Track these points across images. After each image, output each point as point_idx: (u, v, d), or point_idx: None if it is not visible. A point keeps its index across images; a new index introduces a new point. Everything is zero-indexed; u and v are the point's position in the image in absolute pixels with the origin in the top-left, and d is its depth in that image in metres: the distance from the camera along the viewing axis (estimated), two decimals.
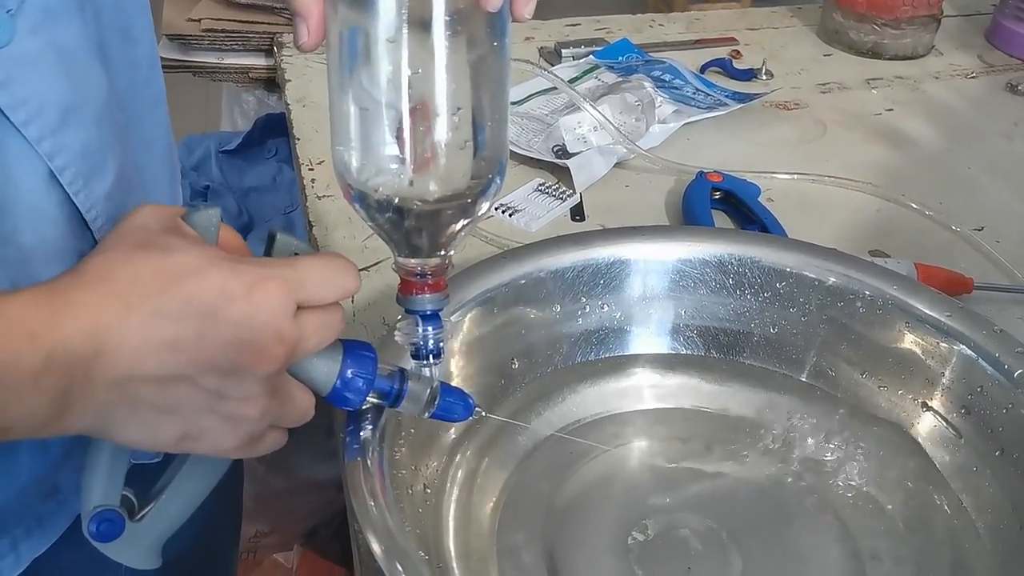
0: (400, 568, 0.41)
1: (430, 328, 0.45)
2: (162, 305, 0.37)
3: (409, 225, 0.43)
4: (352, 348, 0.44)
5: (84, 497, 0.44)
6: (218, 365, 0.38)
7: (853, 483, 0.57)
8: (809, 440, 0.60)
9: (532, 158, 0.89)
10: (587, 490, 0.57)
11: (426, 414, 0.47)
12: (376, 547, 0.42)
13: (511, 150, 0.89)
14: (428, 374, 0.46)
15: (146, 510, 0.46)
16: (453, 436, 0.57)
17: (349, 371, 0.44)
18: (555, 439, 0.59)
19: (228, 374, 0.39)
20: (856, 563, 0.52)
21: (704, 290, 0.64)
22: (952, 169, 0.93)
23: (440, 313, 0.46)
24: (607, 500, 0.56)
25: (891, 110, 1.04)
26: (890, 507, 0.55)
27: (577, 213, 0.82)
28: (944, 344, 0.57)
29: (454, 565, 0.51)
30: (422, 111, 0.40)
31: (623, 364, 0.64)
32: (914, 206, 0.84)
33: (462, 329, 0.58)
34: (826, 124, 1.00)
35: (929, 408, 0.58)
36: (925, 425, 0.58)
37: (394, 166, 0.42)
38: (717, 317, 0.64)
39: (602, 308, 0.64)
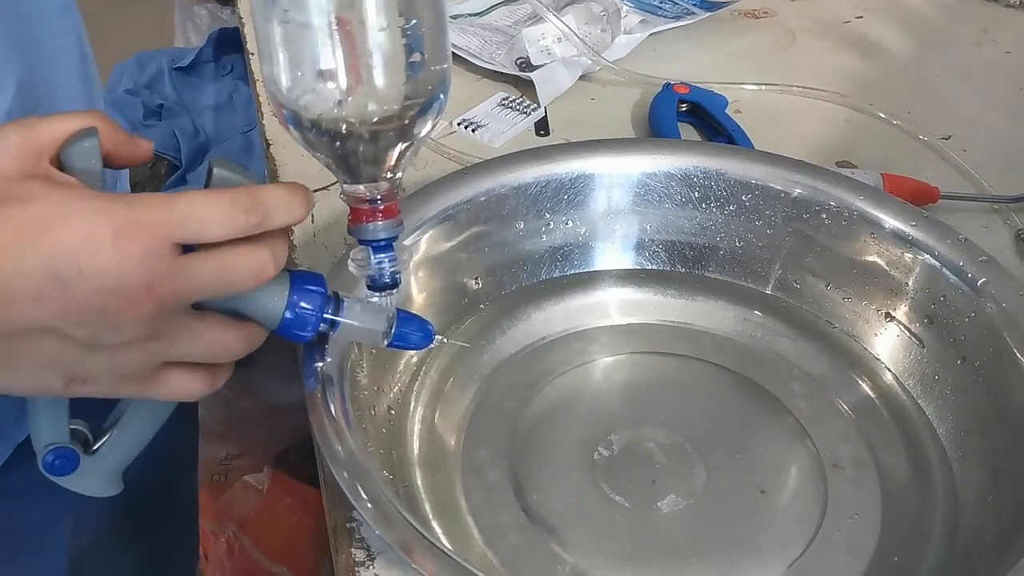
0: (361, 490, 0.41)
1: (384, 258, 0.43)
2: (23, 264, 0.34)
3: (348, 148, 0.40)
4: (299, 282, 0.42)
5: (33, 436, 0.43)
6: (87, 315, 0.36)
7: (817, 394, 0.57)
8: (774, 352, 0.60)
9: (495, 71, 0.86)
10: (552, 407, 0.56)
11: (384, 343, 0.45)
12: (337, 470, 0.42)
13: (472, 63, 0.87)
14: (385, 304, 0.45)
15: (101, 442, 0.45)
16: (416, 357, 0.57)
17: (296, 307, 0.42)
18: (521, 356, 0.59)
19: (98, 322, 0.37)
20: (818, 471, 0.53)
21: (669, 204, 0.63)
22: (921, 77, 0.91)
23: (394, 242, 0.44)
24: (572, 416, 0.56)
25: (861, 17, 1.02)
26: (852, 416, 0.56)
27: (542, 127, 0.80)
28: (908, 254, 0.57)
29: (419, 483, 0.51)
30: (350, 21, 0.38)
31: (588, 280, 0.64)
32: (882, 115, 0.83)
33: (421, 248, 0.57)
34: (795, 33, 0.98)
35: (893, 318, 0.58)
36: (889, 335, 0.58)
37: (327, 84, 0.39)
38: (682, 231, 0.63)
39: (566, 224, 0.63)
